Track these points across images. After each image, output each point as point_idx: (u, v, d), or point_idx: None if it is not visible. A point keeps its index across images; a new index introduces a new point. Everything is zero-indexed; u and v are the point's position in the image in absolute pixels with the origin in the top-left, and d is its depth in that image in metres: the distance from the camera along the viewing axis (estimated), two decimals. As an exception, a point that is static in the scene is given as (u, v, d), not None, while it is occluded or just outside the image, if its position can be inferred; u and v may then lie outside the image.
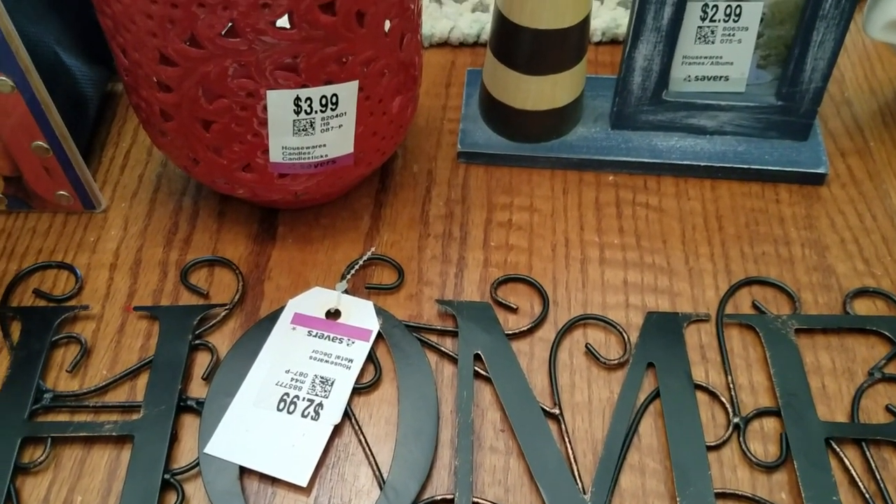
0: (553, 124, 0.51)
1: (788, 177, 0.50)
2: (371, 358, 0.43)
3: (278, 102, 0.38)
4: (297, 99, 0.39)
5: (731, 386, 0.42)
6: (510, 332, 0.44)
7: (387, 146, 0.45)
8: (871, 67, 0.58)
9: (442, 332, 0.44)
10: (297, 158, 0.41)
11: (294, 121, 0.39)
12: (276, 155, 0.41)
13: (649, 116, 0.51)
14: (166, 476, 0.38)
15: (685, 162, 0.50)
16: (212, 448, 0.39)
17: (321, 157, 0.42)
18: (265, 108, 0.38)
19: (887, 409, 0.41)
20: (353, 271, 0.46)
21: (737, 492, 0.39)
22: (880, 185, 0.51)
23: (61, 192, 0.47)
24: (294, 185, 0.43)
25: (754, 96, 0.50)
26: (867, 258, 0.47)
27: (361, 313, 0.44)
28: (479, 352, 0.43)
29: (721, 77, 0.49)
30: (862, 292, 0.46)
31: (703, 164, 0.50)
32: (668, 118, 0.51)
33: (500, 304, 0.45)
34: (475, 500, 0.38)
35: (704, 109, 0.50)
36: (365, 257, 0.47)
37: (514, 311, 0.45)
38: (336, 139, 0.41)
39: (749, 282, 0.46)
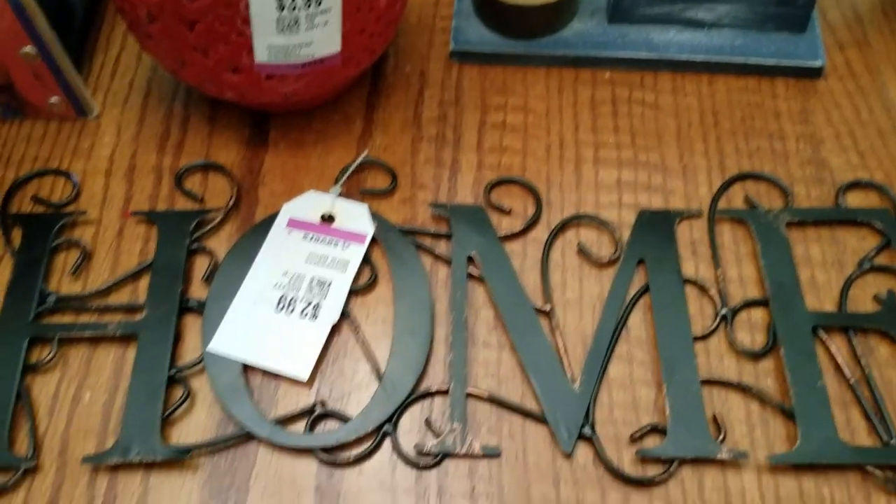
0: (548, 19, 0.50)
1: (785, 71, 0.50)
2: (366, 261, 0.44)
3: (261, -1, 0.38)
4: (281, -5, 0.38)
5: (720, 279, 0.43)
6: (503, 233, 0.44)
7: (376, 45, 0.44)
8: (876, -44, 0.56)
9: (436, 236, 0.45)
10: (283, 59, 0.41)
11: (277, 18, 0.39)
12: (261, 55, 0.40)
13: (647, 10, 0.50)
14: (171, 373, 0.40)
15: (682, 57, 0.50)
16: (215, 346, 0.41)
17: (308, 56, 0.41)
18: (248, 5, 0.38)
19: (875, 298, 0.42)
20: (346, 176, 0.46)
21: (722, 379, 0.40)
22: (878, 78, 0.50)
23: (53, 99, 0.47)
24: (282, 86, 0.43)
25: (753, -13, 0.49)
26: (862, 151, 0.47)
27: (356, 217, 0.45)
28: (473, 254, 0.43)
29: (719, -33, 0.48)
30: (855, 185, 0.46)
31: (700, 58, 0.49)
32: (666, 11, 0.50)
33: (494, 207, 0.46)
34: (469, 390, 0.40)
35: (702, 2, 0.49)
36: (358, 161, 0.47)
37: (507, 213, 0.46)
38: (322, 37, 0.41)
39: (742, 177, 0.46)
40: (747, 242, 0.44)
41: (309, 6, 0.39)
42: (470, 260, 0.43)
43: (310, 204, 0.45)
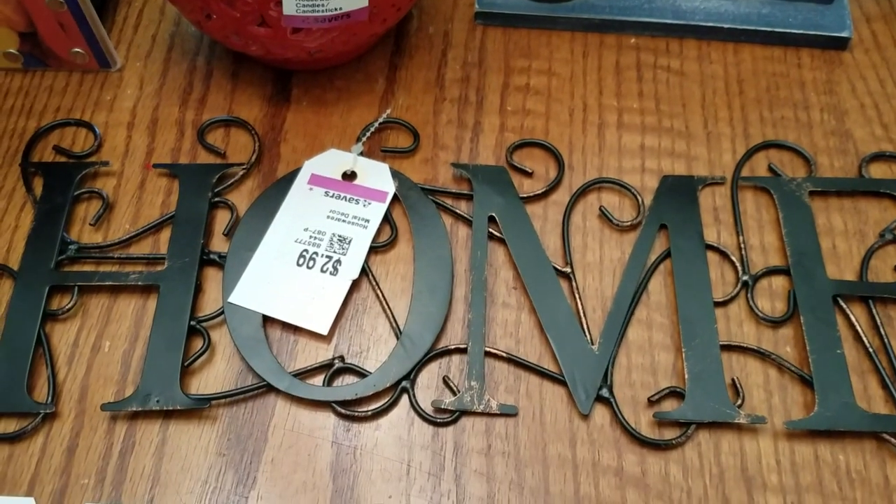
0: (573, -16, 0.49)
1: (812, 41, 0.49)
2: (387, 219, 0.44)
3: (292, -51, 0.38)
4: (312, -54, 0.38)
5: (742, 246, 0.42)
6: (525, 195, 0.44)
7: (402, 1, 0.44)
8: (907, -72, 0.55)
9: (457, 196, 0.45)
10: (310, 11, 0.41)
11: (308, -31, 0.39)
12: (289, 7, 0.40)
13: (673, -23, 0.49)
14: (192, 323, 0.40)
15: (709, 24, 0.49)
16: (236, 298, 0.41)
17: (335, 9, 0.41)
18: (279, -46, 0.38)
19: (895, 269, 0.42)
20: (368, 134, 0.46)
21: (742, 344, 0.40)
22: (906, 51, 0.50)
23: (77, 50, 0.47)
24: (308, 41, 0.42)
25: (783, -45, 0.48)
26: (886, 123, 0.47)
27: (377, 175, 0.45)
28: (494, 214, 0.43)
29: (750, -66, 0.48)
30: (878, 156, 0.45)
31: (726, 26, 0.49)
32: (693, -22, 0.49)
33: (516, 169, 0.45)
34: (487, 349, 0.40)
35: (730, -31, 0.49)
36: (380, 120, 0.47)
37: (529, 175, 0.45)
38: (351, -9, 0.40)
39: (766, 145, 0.46)
40: (770, 210, 0.44)
41: (339, -43, 0.38)
42: (491, 220, 0.43)
43: (331, 161, 0.45)
